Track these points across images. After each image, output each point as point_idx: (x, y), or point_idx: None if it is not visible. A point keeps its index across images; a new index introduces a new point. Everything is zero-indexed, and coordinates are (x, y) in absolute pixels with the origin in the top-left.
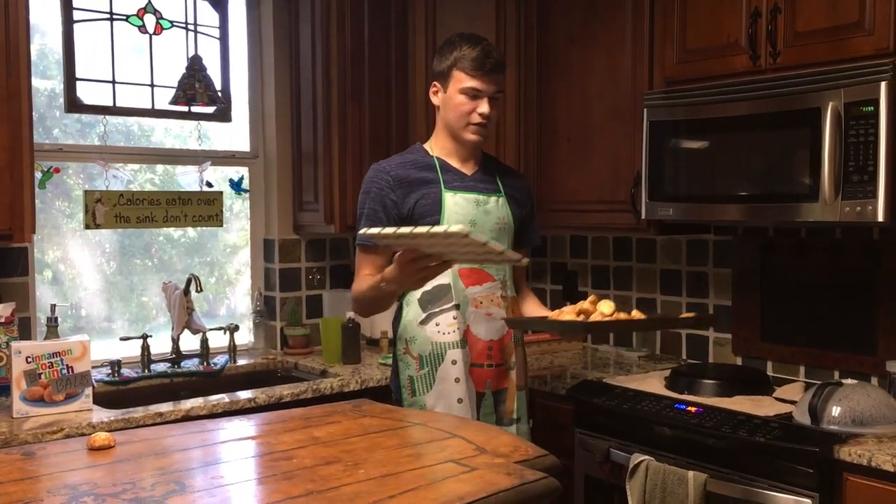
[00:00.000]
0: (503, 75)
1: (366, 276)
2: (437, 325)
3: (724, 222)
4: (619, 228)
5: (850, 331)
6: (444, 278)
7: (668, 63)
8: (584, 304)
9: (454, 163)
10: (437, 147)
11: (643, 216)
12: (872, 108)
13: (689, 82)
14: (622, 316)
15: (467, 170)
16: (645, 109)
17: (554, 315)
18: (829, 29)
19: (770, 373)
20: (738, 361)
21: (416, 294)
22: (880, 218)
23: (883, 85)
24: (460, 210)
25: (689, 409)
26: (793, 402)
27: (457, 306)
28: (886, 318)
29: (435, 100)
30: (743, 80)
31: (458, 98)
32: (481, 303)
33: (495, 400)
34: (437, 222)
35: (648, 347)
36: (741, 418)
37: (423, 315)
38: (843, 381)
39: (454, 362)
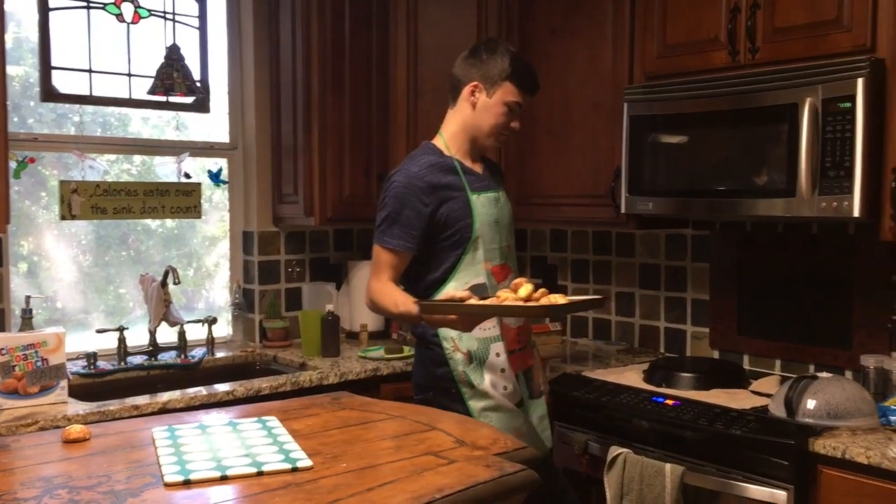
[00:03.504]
0: None
1: (393, 291)
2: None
3: (702, 217)
4: (598, 222)
5: (826, 325)
6: (480, 278)
7: (649, 57)
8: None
9: (468, 163)
10: (454, 146)
11: (623, 210)
12: (849, 104)
13: (669, 77)
14: (539, 301)
15: (478, 168)
16: (625, 104)
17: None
18: (808, 25)
19: (746, 366)
20: (716, 355)
21: None
22: (856, 213)
23: (860, 81)
24: (486, 210)
25: (667, 402)
26: (769, 396)
27: None
28: (861, 313)
29: (472, 99)
30: (722, 75)
31: (501, 108)
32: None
33: (526, 377)
34: (469, 226)
35: (627, 341)
36: (718, 411)
37: None
38: (819, 374)
39: (498, 355)
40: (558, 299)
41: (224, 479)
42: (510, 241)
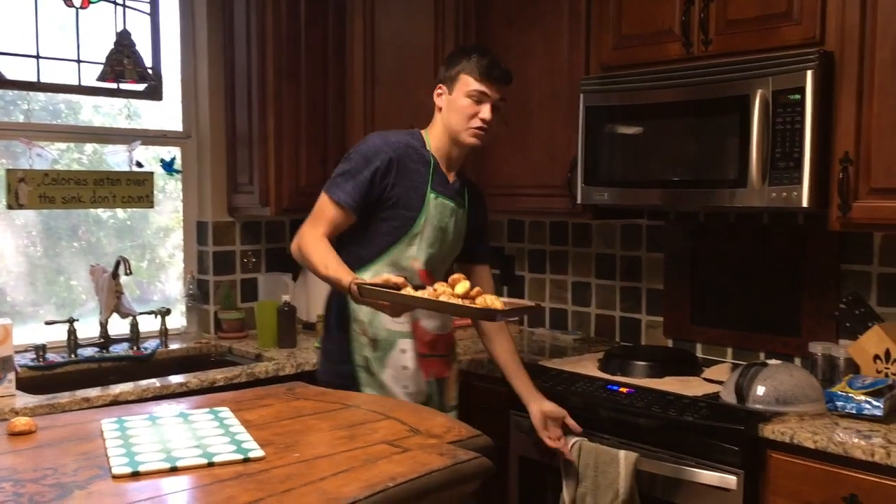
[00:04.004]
0: (507, 87)
1: (328, 252)
2: None
3: (656, 207)
4: (555, 213)
5: (776, 313)
6: (405, 273)
7: (605, 49)
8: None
9: (443, 165)
10: (435, 144)
11: (579, 201)
12: (799, 96)
13: (625, 68)
14: (474, 301)
15: (450, 177)
16: (581, 95)
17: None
18: (759, 18)
19: (700, 354)
20: (669, 343)
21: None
22: (804, 203)
23: (809, 74)
24: (436, 213)
25: (622, 389)
26: (720, 383)
27: None
28: (809, 301)
29: (439, 101)
30: (676, 66)
31: (463, 101)
32: None
33: (439, 388)
34: (414, 220)
35: (583, 331)
36: (671, 398)
37: None
38: (768, 361)
39: (403, 351)
40: (495, 302)
41: (174, 470)
42: (448, 257)
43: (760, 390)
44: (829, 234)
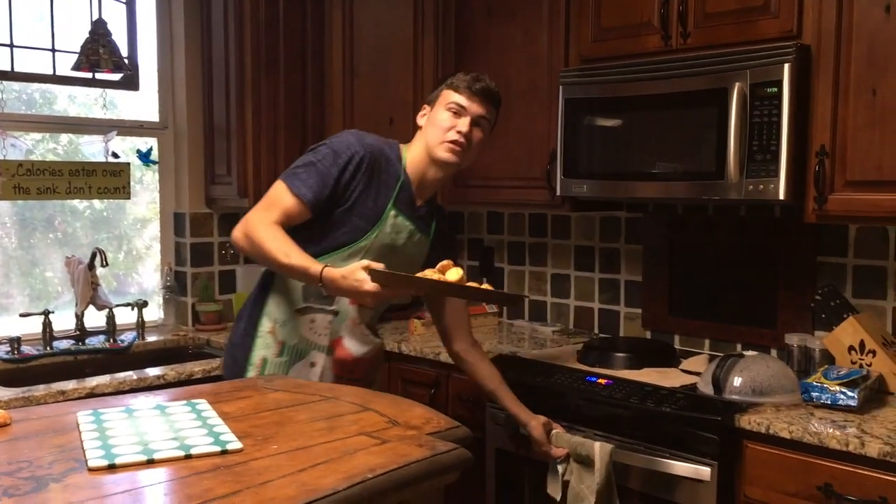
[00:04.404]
0: (493, 106)
1: (286, 240)
2: (312, 321)
3: (635, 199)
4: (534, 205)
5: (753, 305)
6: None
7: (584, 41)
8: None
9: (414, 185)
10: (411, 162)
11: (558, 193)
12: (776, 89)
13: (604, 60)
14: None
15: (419, 202)
16: (560, 87)
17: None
18: (737, 11)
19: (677, 346)
20: (648, 335)
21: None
22: (781, 196)
23: (786, 67)
24: (391, 232)
25: (600, 381)
26: (697, 374)
27: (336, 313)
28: (785, 293)
29: (420, 122)
30: (655, 59)
31: (441, 114)
32: (359, 323)
33: None
34: (364, 232)
35: (563, 322)
36: (648, 389)
37: (303, 305)
38: (745, 352)
39: (313, 364)
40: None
41: (151, 462)
42: None
43: (737, 381)
44: (805, 226)
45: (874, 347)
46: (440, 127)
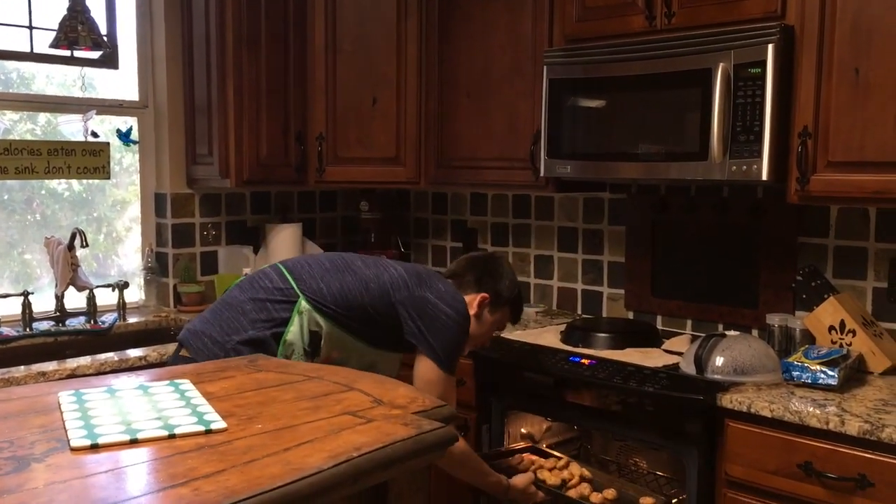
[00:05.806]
0: None
1: (477, 458)
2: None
3: (618, 180)
4: (518, 186)
5: (734, 285)
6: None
7: (568, 21)
8: (554, 472)
9: None
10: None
11: (542, 174)
12: (760, 69)
13: (588, 41)
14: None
15: None
16: (545, 67)
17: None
18: None
19: (660, 326)
20: (630, 316)
21: (304, 342)
22: (764, 177)
23: (770, 47)
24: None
25: (583, 361)
26: (680, 354)
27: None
28: (767, 274)
29: (479, 306)
30: (639, 39)
31: (493, 330)
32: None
33: None
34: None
35: (546, 303)
36: (631, 369)
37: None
38: (727, 332)
39: None
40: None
41: (134, 442)
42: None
43: (719, 361)
44: (787, 207)
45: (854, 327)
46: (487, 337)
